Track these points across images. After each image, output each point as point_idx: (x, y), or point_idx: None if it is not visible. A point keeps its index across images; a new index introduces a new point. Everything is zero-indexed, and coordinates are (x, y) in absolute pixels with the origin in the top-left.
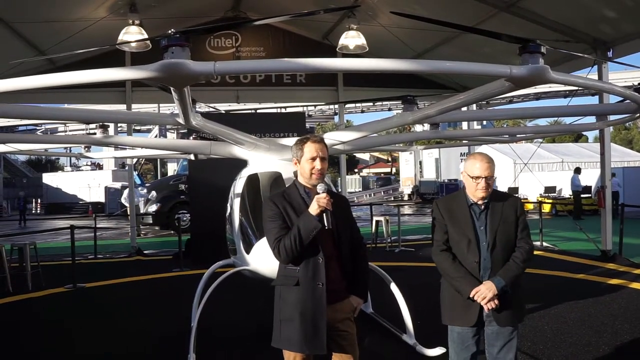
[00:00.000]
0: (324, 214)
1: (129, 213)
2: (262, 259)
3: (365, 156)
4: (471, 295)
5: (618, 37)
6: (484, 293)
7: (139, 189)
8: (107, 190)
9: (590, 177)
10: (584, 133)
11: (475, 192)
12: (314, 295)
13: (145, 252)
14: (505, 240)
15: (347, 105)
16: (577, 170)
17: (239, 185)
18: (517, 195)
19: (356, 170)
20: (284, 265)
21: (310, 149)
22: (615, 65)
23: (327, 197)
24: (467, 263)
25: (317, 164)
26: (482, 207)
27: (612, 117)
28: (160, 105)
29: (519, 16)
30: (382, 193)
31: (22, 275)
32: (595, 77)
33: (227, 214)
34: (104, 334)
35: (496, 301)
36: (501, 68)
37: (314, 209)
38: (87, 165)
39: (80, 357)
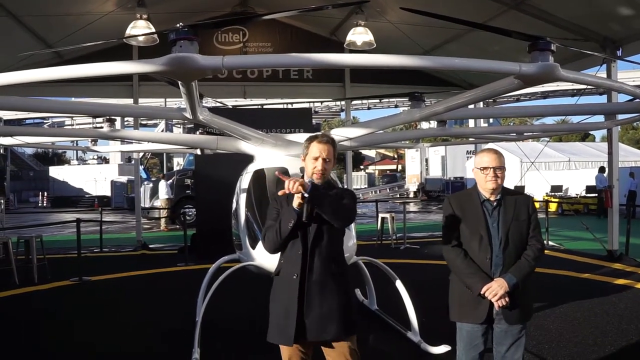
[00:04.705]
0: (304, 207)
1: (162, 205)
2: (268, 254)
3: (371, 153)
4: (482, 292)
5: (628, 35)
6: (495, 290)
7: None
8: (113, 184)
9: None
10: (591, 132)
11: (485, 185)
12: (289, 287)
13: (150, 246)
14: (517, 238)
15: (354, 102)
16: (602, 170)
17: (245, 181)
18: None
19: (362, 167)
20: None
21: (315, 148)
22: (623, 65)
23: (294, 182)
24: (479, 260)
25: (319, 165)
26: (495, 204)
27: (620, 117)
28: (167, 99)
29: (528, 14)
30: (388, 190)
31: (28, 268)
32: (604, 76)
33: (233, 209)
34: (108, 327)
35: (507, 298)
36: (510, 65)
37: (295, 202)
38: (93, 159)
39: (84, 351)
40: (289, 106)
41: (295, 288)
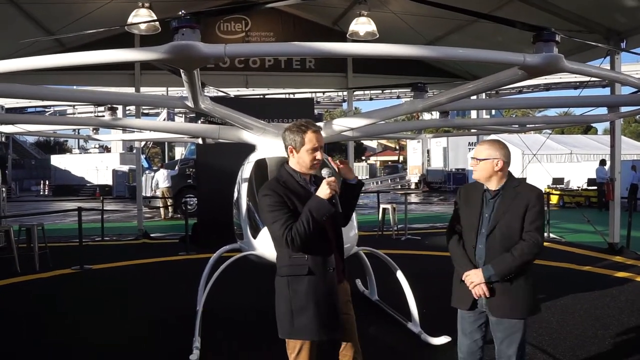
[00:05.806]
0: (335, 198)
1: (165, 195)
2: (269, 244)
3: (372, 144)
4: (462, 278)
5: (632, 27)
6: (472, 278)
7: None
8: (115, 173)
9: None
10: (593, 125)
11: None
12: (325, 281)
13: (151, 235)
14: (506, 231)
15: (356, 93)
16: (602, 162)
17: (246, 170)
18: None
19: (363, 157)
20: (289, 256)
21: (311, 139)
22: (626, 57)
23: (336, 181)
24: (468, 248)
25: (318, 155)
26: (494, 194)
27: (623, 109)
28: (169, 89)
29: (532, 5)
30: (389, 181)
31: (29, 256)
32: (608, 68)
33: (235, 198)
34: (109, 315)
35: (484, 289)
36: (514, 56)
37: (325, 193)
38: (95, 147)
39: (85, 339)
40: (291, 96)
41: (334, 281)
